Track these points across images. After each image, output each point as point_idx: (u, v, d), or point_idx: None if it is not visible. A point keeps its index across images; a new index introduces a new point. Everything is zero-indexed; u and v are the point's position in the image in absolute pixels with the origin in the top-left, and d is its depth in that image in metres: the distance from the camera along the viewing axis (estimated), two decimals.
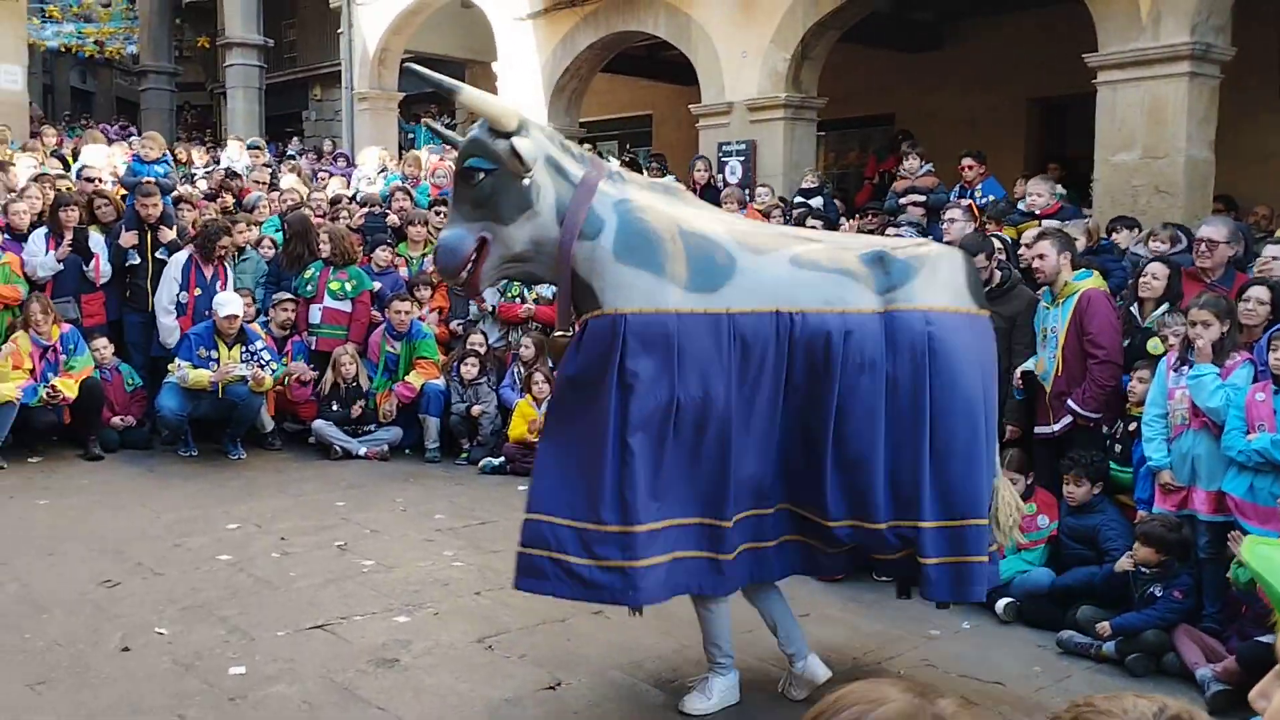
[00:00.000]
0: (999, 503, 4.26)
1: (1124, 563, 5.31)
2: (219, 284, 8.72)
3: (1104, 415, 6.02)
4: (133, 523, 6.58)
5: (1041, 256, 6.12)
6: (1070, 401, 6.03)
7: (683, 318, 3.98)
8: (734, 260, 4.10)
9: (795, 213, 10.06)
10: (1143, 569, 5.21)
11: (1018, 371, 6.27)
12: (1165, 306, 6.07)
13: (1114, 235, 7.84)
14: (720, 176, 11.80)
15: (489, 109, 4.14)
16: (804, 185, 11.23)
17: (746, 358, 4.03)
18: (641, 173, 12.78)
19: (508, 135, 4.02)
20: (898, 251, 4.32)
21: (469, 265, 4.18)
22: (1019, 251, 7.18)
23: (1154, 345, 5.90)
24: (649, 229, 4.08)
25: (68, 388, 7.87)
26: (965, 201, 8.79)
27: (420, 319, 8.97)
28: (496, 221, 4.10)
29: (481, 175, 4.07)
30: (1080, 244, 7.13)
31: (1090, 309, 5.98)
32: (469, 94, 4.25)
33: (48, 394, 7.76)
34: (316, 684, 4.41)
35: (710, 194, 11.03)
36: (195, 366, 8.05)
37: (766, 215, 9.92)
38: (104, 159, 11.73)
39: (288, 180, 12.45)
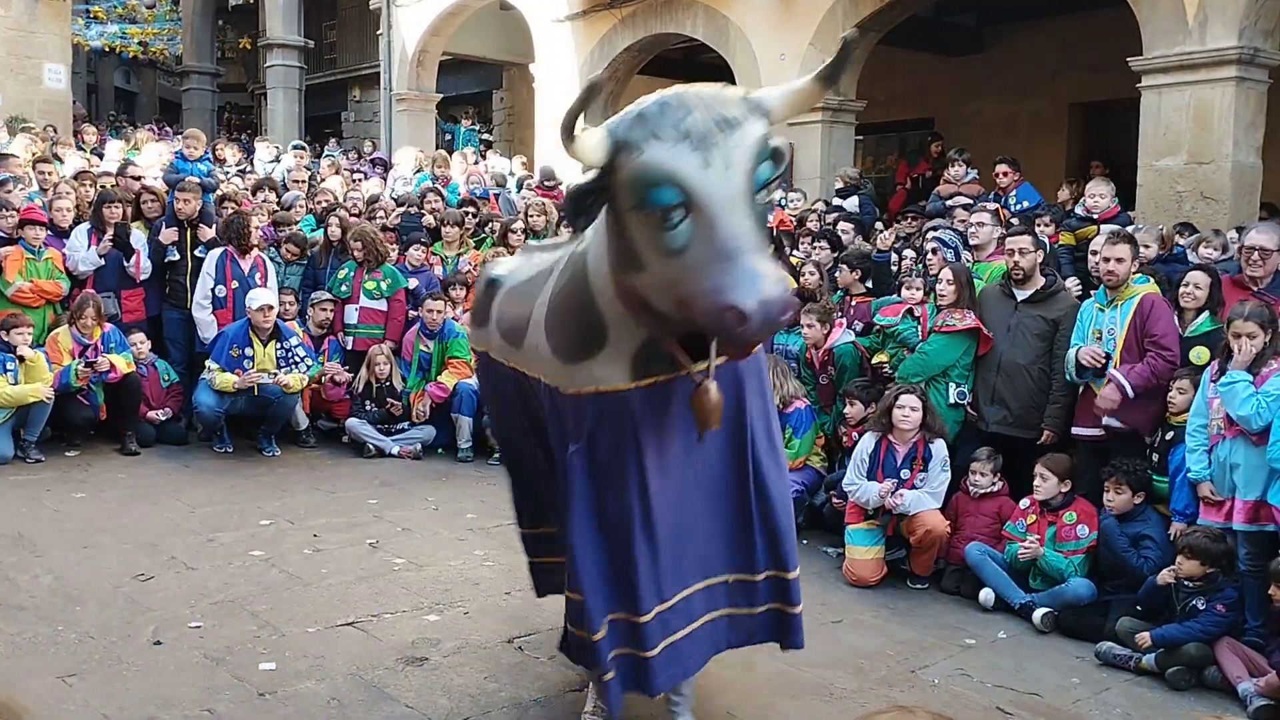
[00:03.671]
0: None
1: (1166, 575, 5.21)
2: (258, 276, 8.73)
3: (1143, 420, 5.90)
4: (167, 517, 6.61)
5: (1120, 260, 5.96)
6: (1113, 369, 5.88)
7: None
8: None
9: (829, 217, 9.96)
10: (1186, 582, 5.11)
11: (1069, 361, 6.09)
12: (1206, 315, 5.96)
13: (1179, 240, 7.71)
14: None
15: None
16: (838, 186, 11.08)
17: None
18: None
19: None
20: None
21: None
22: (1092, 254, 6.85)
23: (1197, 355, 5.79)
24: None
25: (120, 362, 7.93)
26: (993, 205, 8.66)
27: (454, 318, 8.97)
28: None
29: None
30: (1152, 251, 7.03)
31: (1154, 312, 5.89)
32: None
33: (80, 370, 7.74)
34: (346, 681, 4.41)
35: None
36: (224, 368, 8.09)
37: (801, 221, 9.83)
38: (157, 158, 11.85)
39: (331, 182, 12.49)
